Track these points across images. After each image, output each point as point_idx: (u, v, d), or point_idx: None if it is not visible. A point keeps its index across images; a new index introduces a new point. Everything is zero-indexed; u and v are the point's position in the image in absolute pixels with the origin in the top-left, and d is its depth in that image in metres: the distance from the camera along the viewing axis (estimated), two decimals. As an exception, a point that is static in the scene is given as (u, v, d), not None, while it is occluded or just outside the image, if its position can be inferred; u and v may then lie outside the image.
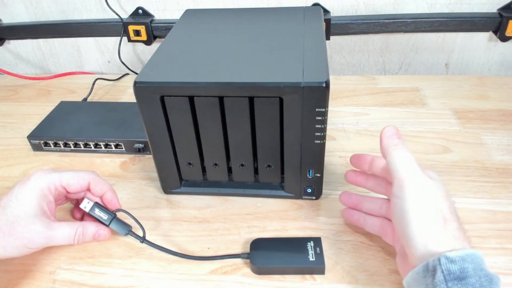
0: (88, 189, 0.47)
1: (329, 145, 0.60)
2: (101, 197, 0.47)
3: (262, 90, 0.42)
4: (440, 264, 0.31)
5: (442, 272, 0.31)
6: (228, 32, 0.54)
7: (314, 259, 0.42)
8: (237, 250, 0.46)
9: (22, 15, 0.88)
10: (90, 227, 0.44)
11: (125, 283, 0.43)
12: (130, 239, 0.48)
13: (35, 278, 0.44)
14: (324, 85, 0.40)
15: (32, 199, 0.41)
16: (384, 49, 0.83)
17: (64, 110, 0.69)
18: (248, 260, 0.43)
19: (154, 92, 0.43)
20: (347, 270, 0.43)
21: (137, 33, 0.83)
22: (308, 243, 0.44)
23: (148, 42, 0.86)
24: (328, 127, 0.50)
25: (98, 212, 0.46)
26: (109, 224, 0.46)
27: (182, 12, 0.62)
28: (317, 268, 0.42)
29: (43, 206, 0.42)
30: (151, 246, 0.45)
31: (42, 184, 0.42)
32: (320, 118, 0.43)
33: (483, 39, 0.80)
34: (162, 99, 0.44)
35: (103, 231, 0.45)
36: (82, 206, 0.46)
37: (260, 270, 0.43)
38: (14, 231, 0.39)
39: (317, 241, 0.44)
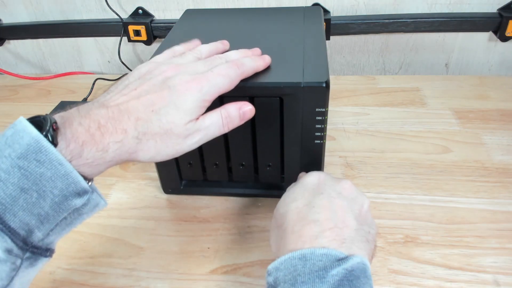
0: None
1: (329, 145, 0.60)
2: None
3: (262, 90, 0.42)
4: None
5: None
6: (228, 32, 0.54)
7: None
8: (237, 250, 0.46)
9: (22, 15, 0.88)
10: (231, 107, 0.38)
11: (125, 283, 0.43)
12: (130, 239, 0.48)
13: (35, 278, 0.44)
14: (324, 85, 0.40)
15: (193, 111, 0.35)
16: (384, 49, 0.83)
17: (63, 110, 0.69)
18: None
19: (154, 92, 0.43)
20: (347, 270, 0.43)
21: (137, 33, 0.83)
22: None
23: (148, 42, 0.85)
24: (328, 127, 0.50)
25: None
26: None
27: (182, 12, 0.62)
28: None
29: (199, 113, 0.36)
30: None
31: (206, 96, 0.35)
32: (320, 118, 0.43)
33: (483, 39, 0.80)
34: (162, 99, 0.44)
35: (247, 106, 0.39)
36: None
37: None
38: (167, 139, 0.34)
39: None
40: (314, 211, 0.34)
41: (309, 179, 0.39)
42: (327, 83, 0.40)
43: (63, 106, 0.70)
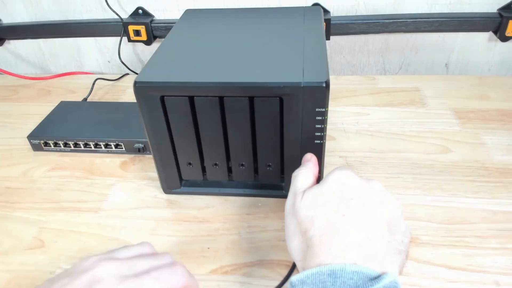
0: None
1: (329, 145, 0.60)
2: None
3: (262, 90, 0.42)
4: None
5: None
6: (228, 32, 0.54)
7: None
8: (237, 250, 0.46)
9: (22, 15, 0.88)
10: None
11: (125, 283, 0.43)
12: (130, 239, 0.48)
13: (35, 278, 0.44)
14: (324, 85, 0.40)
15: None
16: (384, 49, 0.83)
17: (64, 110, 0.69)
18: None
19: (154, 92, 0.43)
20: (347, 270, 0.43)
21: (137, 33, 0.83)
22: None
23: (148, 42, 0.86)
24: (328, 127, 0.50)
25: None
26: None
27: (182, 12, 0.62)
28: None
29: None
30: None
31: None
32: (320, 118, 0.43)
33: (483, 39, 0.80)
34: (162, 99, 0.44)
35: None
36: None
37: None
38: None
39: None
40: (345, 220, 0.32)
41: (336, 178, 0.36)
42: (327, 83, 0.40)
43: (63, 106, 0.70)
